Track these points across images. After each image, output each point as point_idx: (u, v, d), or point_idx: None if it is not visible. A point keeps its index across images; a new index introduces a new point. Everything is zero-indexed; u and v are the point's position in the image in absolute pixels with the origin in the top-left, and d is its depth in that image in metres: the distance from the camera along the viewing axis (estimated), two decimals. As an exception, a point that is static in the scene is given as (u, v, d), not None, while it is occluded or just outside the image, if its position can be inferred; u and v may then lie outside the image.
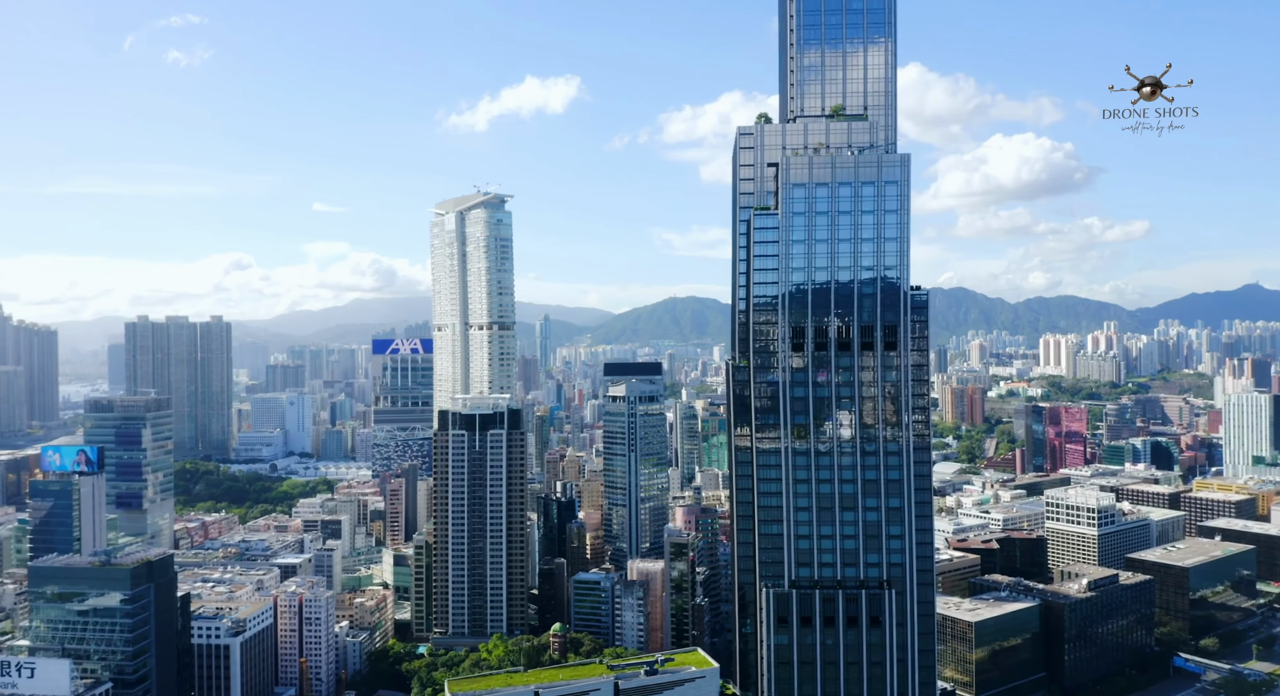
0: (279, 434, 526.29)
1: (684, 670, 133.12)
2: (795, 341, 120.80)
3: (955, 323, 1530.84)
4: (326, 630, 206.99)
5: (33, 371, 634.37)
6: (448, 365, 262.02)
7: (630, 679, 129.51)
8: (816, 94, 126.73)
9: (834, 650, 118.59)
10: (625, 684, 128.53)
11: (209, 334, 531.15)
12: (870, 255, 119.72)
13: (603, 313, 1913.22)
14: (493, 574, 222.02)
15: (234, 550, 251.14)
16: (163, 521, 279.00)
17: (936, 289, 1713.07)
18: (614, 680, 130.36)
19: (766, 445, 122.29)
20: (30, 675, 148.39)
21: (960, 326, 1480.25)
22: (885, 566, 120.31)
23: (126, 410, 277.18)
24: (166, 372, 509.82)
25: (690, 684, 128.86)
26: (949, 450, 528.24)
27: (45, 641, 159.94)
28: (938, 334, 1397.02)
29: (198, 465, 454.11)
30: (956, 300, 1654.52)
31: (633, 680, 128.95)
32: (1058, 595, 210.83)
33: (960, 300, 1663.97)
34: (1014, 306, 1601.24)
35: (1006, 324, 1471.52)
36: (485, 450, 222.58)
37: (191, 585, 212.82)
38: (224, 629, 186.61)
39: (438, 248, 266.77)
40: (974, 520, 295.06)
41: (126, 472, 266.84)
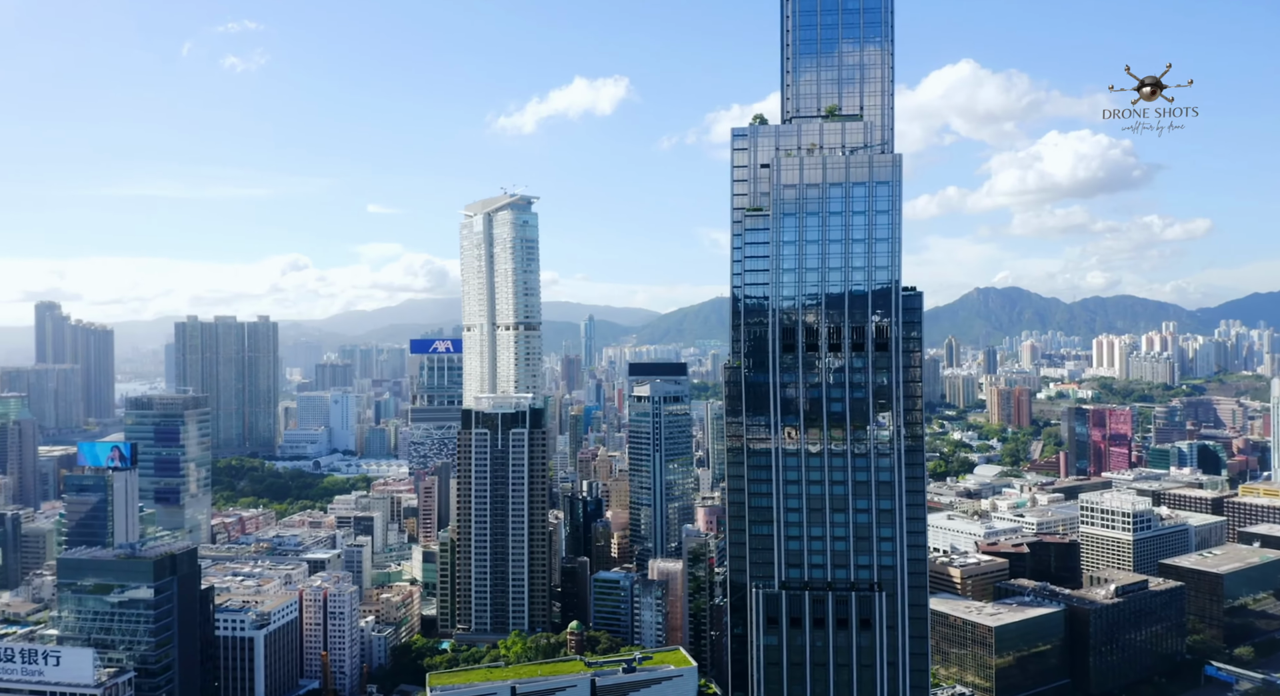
0: (323, 431, 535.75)
1: (662, 668, 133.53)
2: (786, 342, 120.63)
3: (1009, 323, 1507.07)
4: (350, 624, 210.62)
5: (90, 370, 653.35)
6: (476, 364, 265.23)
7: (607, 676, 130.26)
8: (812, 95, 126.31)
9: (824, 651, 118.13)
10: (602, 681, 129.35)
11: (256, 333, 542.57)
12: (861, 256, 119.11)
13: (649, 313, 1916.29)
14: (514, 571, 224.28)
15: (266, 545, 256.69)
16: (201, 516, 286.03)
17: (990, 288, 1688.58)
18: (591, 677, 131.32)
19: (757, 445, 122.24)
20: (56, 663, 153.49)
21: (1014, 327, 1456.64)
22: (876, 568, 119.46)
23: (165, 408, 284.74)
24: (215, 371, 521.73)
25: (668, 682, 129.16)
26: (993, 452, 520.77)
27: (73, 631, 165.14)
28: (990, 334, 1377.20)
29: (243, 461, 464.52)
30: (1010, 300, 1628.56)
31: (610, 677, 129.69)
32: (1083, 600, 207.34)
33: (1014, 300, 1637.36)
34: (1069, 306, 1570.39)
35: (1062, 324, 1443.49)
36: (507, 448, 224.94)
37: (221, 579, 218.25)
38: (248, 621, 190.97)
39: (466, 249, 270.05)
40: (1007, 523, 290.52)
41: (165, 468, 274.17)
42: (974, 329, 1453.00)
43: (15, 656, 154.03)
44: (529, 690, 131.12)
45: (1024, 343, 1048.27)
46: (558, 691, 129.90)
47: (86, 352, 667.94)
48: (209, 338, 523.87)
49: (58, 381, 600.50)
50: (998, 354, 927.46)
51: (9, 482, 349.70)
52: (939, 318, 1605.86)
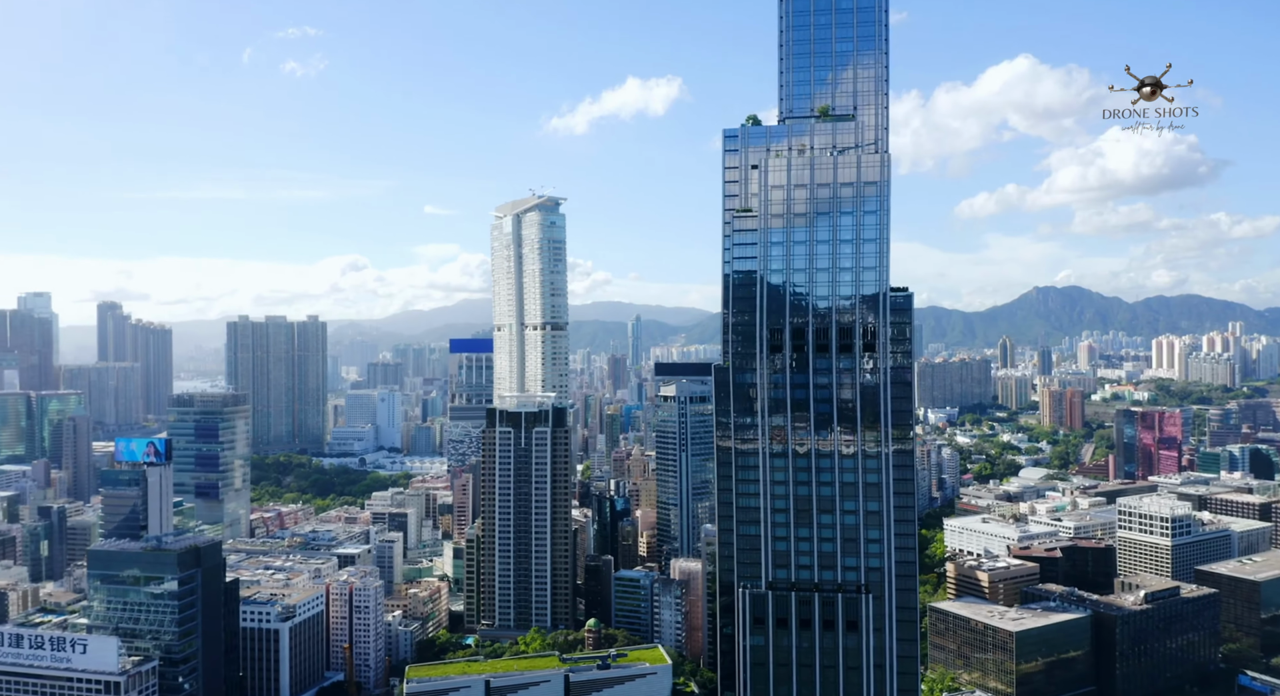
0: (370, 429, 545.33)
1: (636, 665, 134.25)
2: (773, 343, 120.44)
3: (1069, 323, 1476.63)
4: (375, 618, 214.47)
5: (149, 368, 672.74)
6: (506, 364, 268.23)
7: (582, 672, 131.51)
8: (806, 96, 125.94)
9: (810, 653, 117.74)
10: (576, 677, 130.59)
11: (305, 333, 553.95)
12: (849, 256, 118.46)
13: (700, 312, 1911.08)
14: (538, 568, 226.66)
15: (299, 540, 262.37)
16: (240, 510, 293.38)
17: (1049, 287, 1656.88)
18: (565, 673, 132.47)
19: (745, 446, 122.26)
20: (83, 651, 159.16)
21: (1074, 327, 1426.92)
22: (863, 570, 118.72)
23: (205, 405, 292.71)
24: (266, 369, 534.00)
25: (641, 679, 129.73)
26: (1041, 455, 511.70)
27: (102, 620, 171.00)
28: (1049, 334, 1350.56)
29: (290, 458, 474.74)
30: (1070, 299, 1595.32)
31: (584, 673, 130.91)
32: (1110, 607, 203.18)
33: (1074, 299, 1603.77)
34: (1131, 306, 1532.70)
35: (1124, 324, 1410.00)
36: (530, 447, 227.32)
37: (253, 572, 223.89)
38: (274, 614, 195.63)
39: (496, 250, 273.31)
40: (1043, 527, 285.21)
41: (205, 464, 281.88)
42: (1032, 329, 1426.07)
43: (45, 644, 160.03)
44: (503, 684, 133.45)
45: (1082, 343, 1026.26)
46: (532, 686, 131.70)
47: (146, 351, 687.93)
48: (260, 337, 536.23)
49: (118, 379, 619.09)
50: (1053, 355, 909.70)
51: (64, 477, 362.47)
52: (996, 317, 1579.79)
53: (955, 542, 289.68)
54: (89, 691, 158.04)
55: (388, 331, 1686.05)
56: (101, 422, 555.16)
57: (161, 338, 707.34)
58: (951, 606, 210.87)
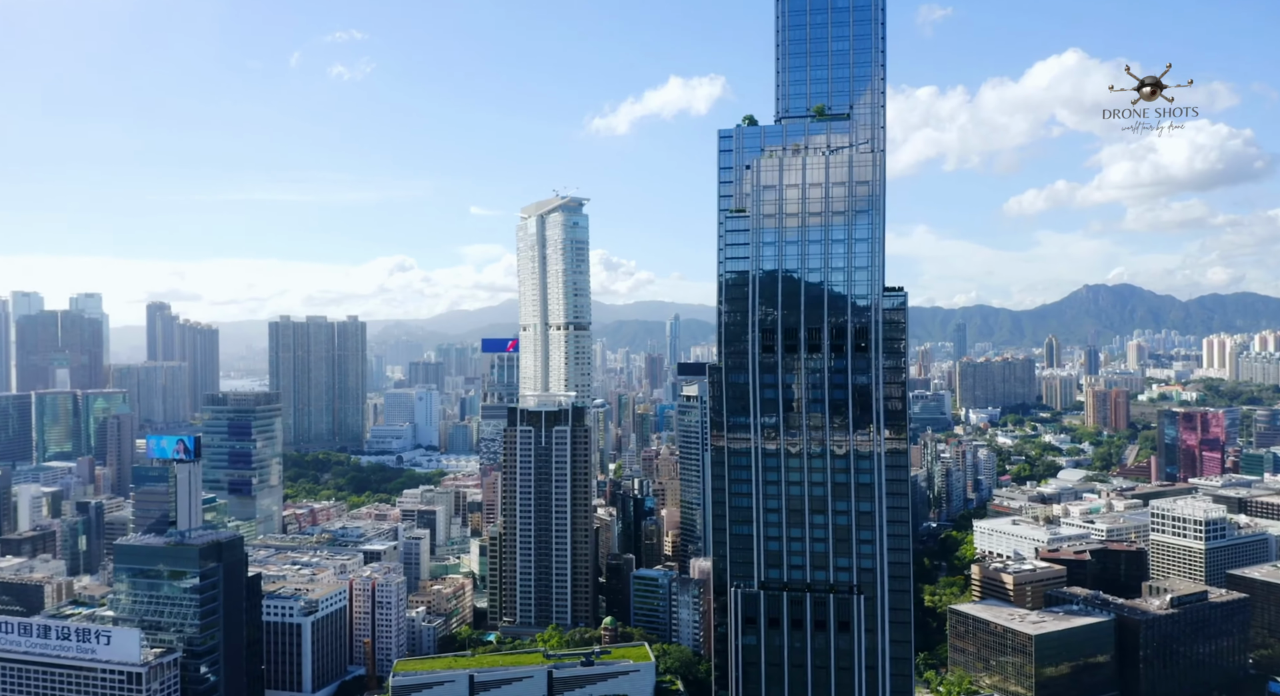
0: (408, 427, 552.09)
1: (620, 662, 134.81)
2: (765, 343, 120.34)
3: (1120, 321, 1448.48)
4: (397, 614, 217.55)
5: (196, 366, 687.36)
6: (531, 363, 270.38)
7: (565, 668, 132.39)
8: (802, 95, 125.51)
9: (801, 653, 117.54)
10: (559, 673, 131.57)
11: (345, 332, 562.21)
12: (841, 256, 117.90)
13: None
14: (558, 566, 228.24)
15: (328, 536, 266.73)
16: (273, 507, 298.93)
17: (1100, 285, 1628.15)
18: (548, 669, 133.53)
19: (737, 446, 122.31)
20: (107, 642, 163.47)
21: (1125, 325, 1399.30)
22: (855, 571, 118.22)
23: (238, 404, 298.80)
24: (307, 368, 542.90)
25: (624, 676, 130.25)
26: (1083, 456, 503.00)
27: (128, 613, 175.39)
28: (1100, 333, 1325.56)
29: (329, 455, 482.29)
30: (1121, 298, 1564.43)
31: (567, 670, 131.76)
32: (1135, 611, 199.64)
33: (1125, 298, 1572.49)
34: (1185, 304, 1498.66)
35: (1176, 323, 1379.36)
36: (551, 446, 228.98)
37: (280, 567, 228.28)
38: (297, 609, 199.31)
39: (522, 250, 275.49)
40: (1075, 530, 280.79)
41: (238, 461, 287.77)
42: (1082, 328, 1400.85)
43: (71, 635, 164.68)
44: (487, 679, 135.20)
45: (1131, 342, 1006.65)
46: (515, 681, 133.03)
47: (193, 350, 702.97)
48: (301, 337, 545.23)
49: (166, 377, 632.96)
50: (1101, 354, 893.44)
51: (108, 473, 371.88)
52: (1045, 316, 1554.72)
53: (985, 545, 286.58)
54: (112, 681, 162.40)
55: (432, 331, 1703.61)
56: (150, 420, 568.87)
57: (208, 337, 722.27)
58: (972, 608, 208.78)
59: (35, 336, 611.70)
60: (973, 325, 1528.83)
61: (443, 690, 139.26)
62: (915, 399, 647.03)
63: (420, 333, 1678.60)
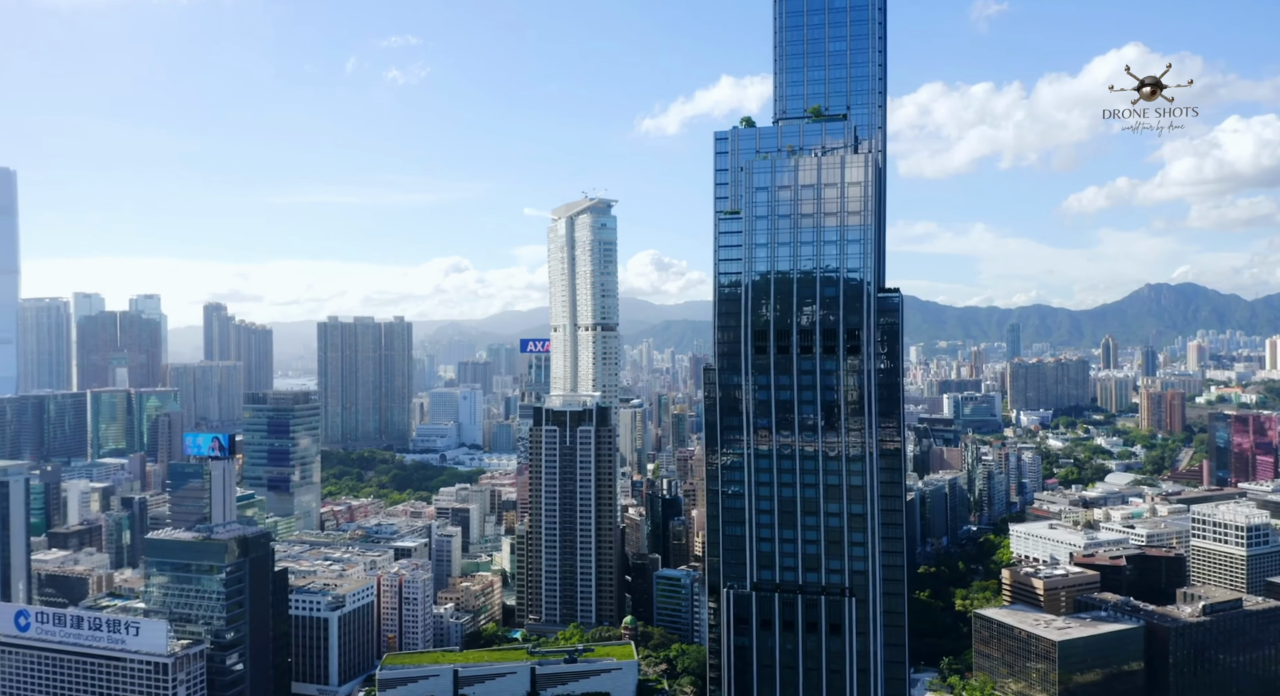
0: (452, 426, 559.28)
1: (603, 661, 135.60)
2: (758, 344, 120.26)
3: (1182, 321, 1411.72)
4: (423, 610, 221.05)
5: (251, 366, 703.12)
6: (561, 364, 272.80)
7: (548, 665, 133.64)
8: (799, 96, 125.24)
9: (793, 654, 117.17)
10: (542, 669, 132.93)
11: (392, 333, 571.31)
12: (834, 258, 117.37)
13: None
14: (583, 565, 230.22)
15: (360, 532, 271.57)
16: (311, 503, 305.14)
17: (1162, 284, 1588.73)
18: (531, 665, 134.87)
19: (730, 448, 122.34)
20: (136, 633, 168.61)
21: (1188, 325, 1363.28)
22: (847, 573, 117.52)
23: (277, 403, 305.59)
24: (355, 368, 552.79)
25: (606, 674, 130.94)
26: (1134, 460, 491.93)
27: (159, 605, 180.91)
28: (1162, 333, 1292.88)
29: (374, 453, 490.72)
30: (1184, 297, 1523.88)
31: (551, 666, 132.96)
32: (1165, 618, 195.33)
33: (1189, 297, 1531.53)
34: (1251, 304, 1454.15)
35: (1242, 323, 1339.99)
36: (575, 445, 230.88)
37: (312, 562, 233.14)
38: (324, 603, 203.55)
39: (552, 251, 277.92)
40: (1114, 535, 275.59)
41: (276, 458, 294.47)
42: (1143, 328, 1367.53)
43: (102, 626, 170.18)
44: (470, 673, 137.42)
45: (1192, 343, 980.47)
46: (499, 676, 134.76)
47: (248, 350, 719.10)
48: (348, 337, 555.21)
49: (221, 376, 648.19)
50: (1160, 355, 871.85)
51: (158, 469, 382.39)
52: (1105, 316, 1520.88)
53: (1021, 549, 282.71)
54: (141, 671, 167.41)
55: (486, 331, 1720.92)
56: (206, 418, 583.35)
57: (263, 337, 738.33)
58: (997, 613, 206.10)
59: (95, 336, 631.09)
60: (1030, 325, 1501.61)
61: (427, 684, 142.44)
62: (965, 401, 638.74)
63: (474, 333, 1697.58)
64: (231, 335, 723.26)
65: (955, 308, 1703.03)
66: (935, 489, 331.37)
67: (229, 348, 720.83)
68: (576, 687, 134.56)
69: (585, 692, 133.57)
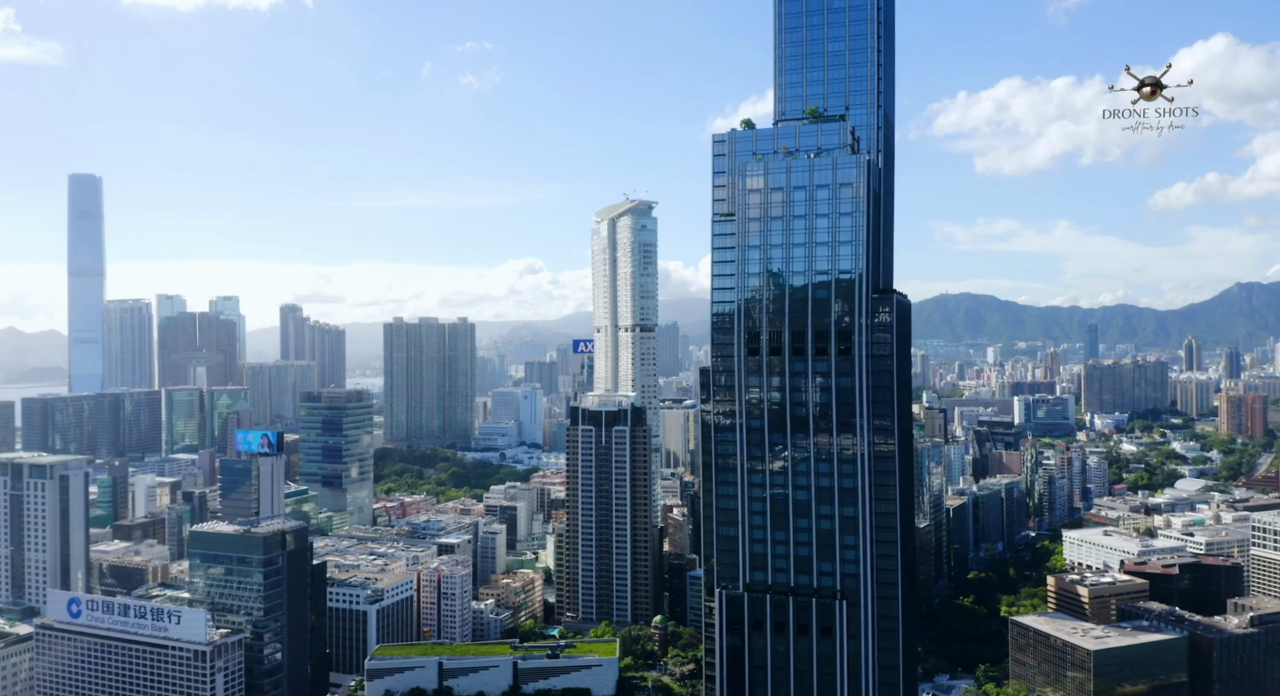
0: (513, 425, 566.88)
1: (584, 657, 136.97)
2: (752, 347, 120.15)
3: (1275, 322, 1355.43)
4: (461, 604, 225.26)
5: (324, 365, 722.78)
6: (602, 364, 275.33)
7: (531, 660, 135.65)
8: (799, 97, 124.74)
9: (785, 656, 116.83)
10: (524, 663, 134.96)
11: (455, 334, 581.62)
12: (825, 259, 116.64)
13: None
14: (618, 564, 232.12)
15: (407, 528, 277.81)
16: (364, 499, 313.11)
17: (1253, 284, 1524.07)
18: (514, 659, 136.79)
19: (724, 448, 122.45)
20: (177, 622, 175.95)
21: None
22: (839, 576, 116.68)
23: (331, 402, 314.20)
24: (419, 368, 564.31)
25: (587, 670, 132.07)
26: (1209, 465, 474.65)
27: (202, 595, 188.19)
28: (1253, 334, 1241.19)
29: (436, 450, 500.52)
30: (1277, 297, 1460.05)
31: (533, 661, 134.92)
32: (1210, 629, 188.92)
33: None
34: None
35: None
36: (610, 445, 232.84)
37: (357, 556, 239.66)
38: (363, 596, 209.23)
39: (595, 253, 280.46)
40: (1171, 542, 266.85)
41: (330, 455, 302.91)
42: (1233, 328, 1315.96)
43: (147, 614, 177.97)
44: (455, 666, 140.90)
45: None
46: (482, 669, 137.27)
47: (322, 350, 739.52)
48: (413, 338, 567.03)
49: (296, 376, 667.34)
50: (1246, 357, 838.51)
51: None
52: (1192, 316, 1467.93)
53: (1074, 556, 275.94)
54: (182, 658, 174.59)
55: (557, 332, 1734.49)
56: (280, 416, 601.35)
57: (336, 337, 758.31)
58: (1033, 620, 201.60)
59: (175, 336, 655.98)
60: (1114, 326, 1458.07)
61: (414, 674, 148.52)
62: (1037, 404, 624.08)
63: (546, 333, 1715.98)
64: (306, 335, 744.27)
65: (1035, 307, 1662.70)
66: (990, 493, 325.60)
67: (304, 347, 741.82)
68: (557, 682, 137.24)
69: (565, 687, 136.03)
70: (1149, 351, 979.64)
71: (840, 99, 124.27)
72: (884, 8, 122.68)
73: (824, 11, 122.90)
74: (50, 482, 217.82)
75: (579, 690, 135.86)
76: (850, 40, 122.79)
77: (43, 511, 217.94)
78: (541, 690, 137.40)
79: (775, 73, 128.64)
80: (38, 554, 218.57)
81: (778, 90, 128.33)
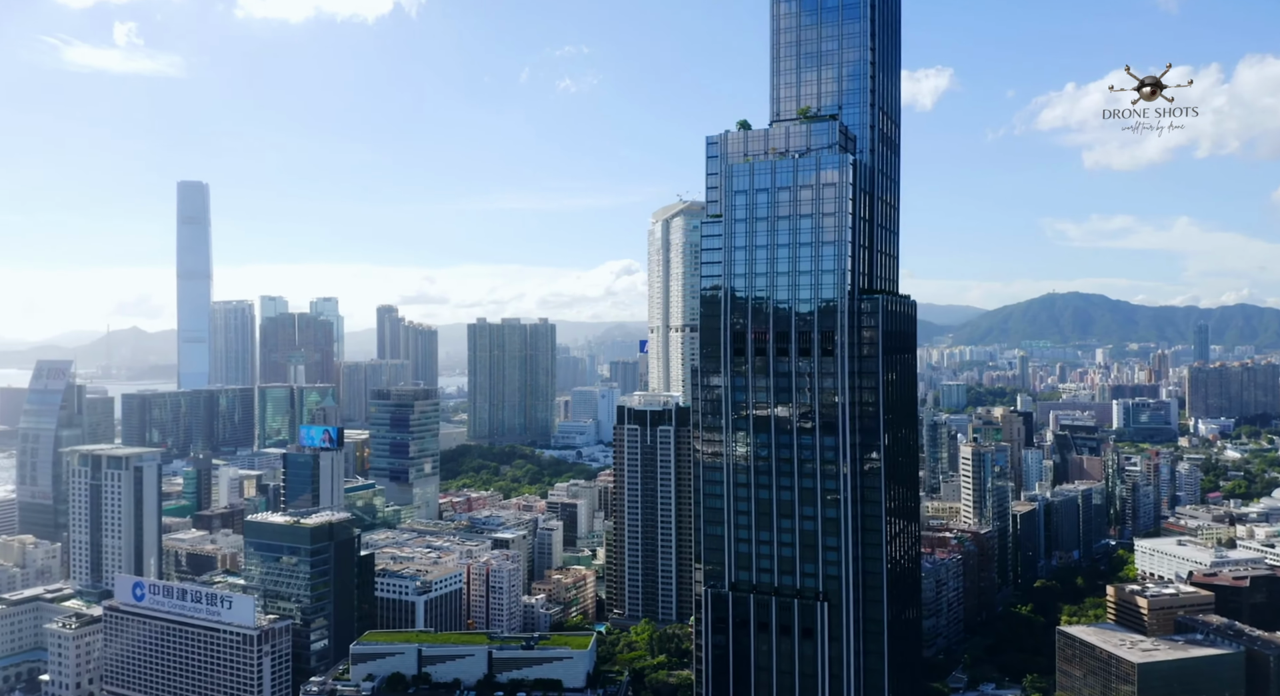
0: (592, 424, 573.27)
1: (558, 649, 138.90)
2: (736, 346, 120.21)
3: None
4: (509, 598, 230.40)
5: (417, 364, 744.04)
6: (655, 364, 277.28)
7: (506, 650, 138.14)
8: (792, 97, 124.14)
9: (768, 656, 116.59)
10: (499, 653, 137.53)
11: (536, 334, 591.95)
12: (809, 259, 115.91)
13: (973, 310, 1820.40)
14: (664, 562, 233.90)
15: (465, 523, 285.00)
16: (430, 493, 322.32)
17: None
18: (489, 649, 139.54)
19: (711, 448, 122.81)
20: (229, 607, 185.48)
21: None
22: (821, 577, 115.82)
23: (399, 399, 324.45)
24: (502, 368, 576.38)
25: (559, 662, 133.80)
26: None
27: (256, 583, 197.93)
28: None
29: (515, 448, 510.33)
30: None
31: (508, 651, 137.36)
32: (1269, 644, 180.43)
33: None
34: None
35: None
36: (655, 444, 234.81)
37: (413, 549, 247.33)
38: (412, 587, 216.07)
39: (650, 254, 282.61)
40: (1248, 554, 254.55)
41: (397, 451, 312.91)
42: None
43: (202, 599, 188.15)
44: (433, 653, 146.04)
45: None
46: (458, 657, 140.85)
47: (415, 350, 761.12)
48: (496, 338, 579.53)
49: (389, 374, 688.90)
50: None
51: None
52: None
53: (1146, 565, 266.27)
54: (233, 641, 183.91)
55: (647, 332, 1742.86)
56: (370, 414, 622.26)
57: (428, 337, 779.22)
58: (1080, 631, 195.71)
59: (276, 336, 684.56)
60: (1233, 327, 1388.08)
61: (395, 660, 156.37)
62: (1139, 407, 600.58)
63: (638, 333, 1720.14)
64: (401, 335, 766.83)
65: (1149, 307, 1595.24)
66: (1066, 499, 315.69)
67: (399, 347, 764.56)
68: (530, 672, 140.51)
69: (537, 677, 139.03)
70: (1270, 353, 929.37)
71: (833, 98, 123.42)
72: (881, 6, 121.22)
73: (818, 10, 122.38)
74: (125, 473, 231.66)
75: (550, 680, 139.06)
76: (842, 39, 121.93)
77: (119, 500, 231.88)
78: (515, 679, 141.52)
79: (770, 72, 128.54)
80: (114, 540, 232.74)
81: (772, 90, 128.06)
